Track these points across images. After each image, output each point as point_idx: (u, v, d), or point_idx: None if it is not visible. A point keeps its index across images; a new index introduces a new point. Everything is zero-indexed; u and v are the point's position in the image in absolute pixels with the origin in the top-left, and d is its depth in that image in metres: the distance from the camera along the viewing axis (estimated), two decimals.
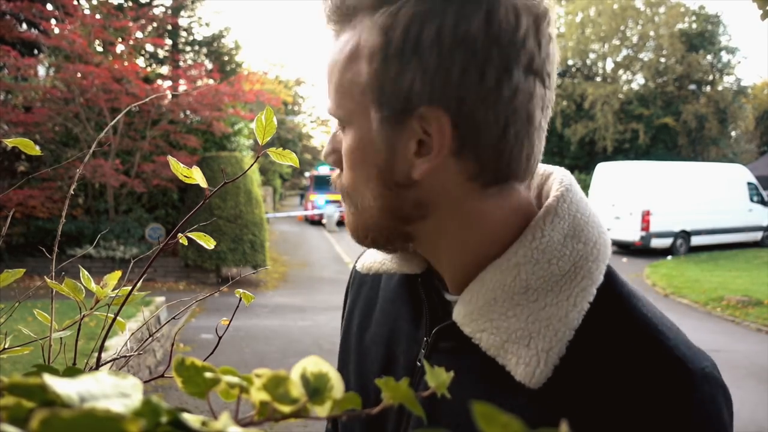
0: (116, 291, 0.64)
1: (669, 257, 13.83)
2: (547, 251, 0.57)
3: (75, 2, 10.53)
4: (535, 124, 0.56)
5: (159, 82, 13.22)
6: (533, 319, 0.56)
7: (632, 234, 13.75)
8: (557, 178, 0.64)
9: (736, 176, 15.29)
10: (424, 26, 0.52)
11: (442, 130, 0.54)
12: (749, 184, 15.38)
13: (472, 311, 0.59)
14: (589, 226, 0.60)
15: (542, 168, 0.67)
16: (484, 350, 0.58)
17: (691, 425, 0.53)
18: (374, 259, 0.73)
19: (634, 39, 28.29)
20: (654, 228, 13.62)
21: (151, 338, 0.66)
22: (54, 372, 0.39)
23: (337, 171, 0.64)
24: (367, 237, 0.64)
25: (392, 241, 0.63)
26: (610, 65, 29.26)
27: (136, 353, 0.63)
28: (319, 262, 13.50)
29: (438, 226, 0.60)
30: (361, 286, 0.82)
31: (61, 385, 0.21)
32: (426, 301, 0.68)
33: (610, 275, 0.60)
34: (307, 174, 32.85)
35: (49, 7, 10.72)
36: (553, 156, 27.50)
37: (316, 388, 0.29)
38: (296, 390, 0.28)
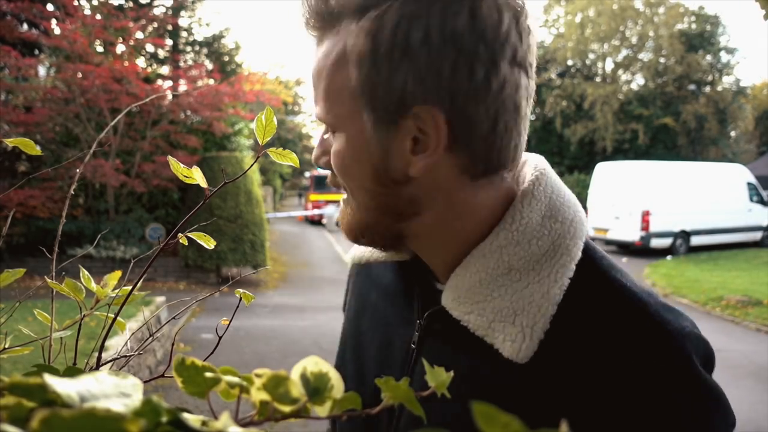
0: (116, 291, 0.64)
1: (669, 257, 13.83)
2: (527, 232, 0.59)
3: (75, 2, 10.53)
4: (522, 113, 0.58)
5: (159, 82, 13.21)
6: (517, 297, 0.58)
7: (632, 234, 13.76)
8: (531, 163, 0.66)
9: (736, 176, 15.29)
10: (412, 28, 0.53)
11: (438, 127, 0.55)
12: (749, 184, 15.38)
13: (459, 295, 0.61)
14: (565, 206, 0.62)
15: None
16: (472, 331, 0.60)
17: (676, 381, 0.54)
18: (365, 249, 0.76)
19: (634, 39, 28.24)
20: (654, 228, 13.61)
21: (151, 338, 0.66)
22: (54, 372, 0.39)
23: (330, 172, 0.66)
24: (363, 236, 0.65)
25: (387, 239, 0.65)
26: (609, 65, 29.21)
27: (137, 353, 0.63)
28: (319, 262, 13.49)
29: (431, 220, 0.62)
30: (357, 276, 0.85)
31: (61, 385, 0.21)
32: (417, 285, 0.70)
33: (590, 250, 0.62)
34: (307, 174, 32.83)
35: (50, 7, 10.72)
36: (553, 156, 27.44)
37: (316, 388, 0.29)
38: (296, 390, 0.28)
